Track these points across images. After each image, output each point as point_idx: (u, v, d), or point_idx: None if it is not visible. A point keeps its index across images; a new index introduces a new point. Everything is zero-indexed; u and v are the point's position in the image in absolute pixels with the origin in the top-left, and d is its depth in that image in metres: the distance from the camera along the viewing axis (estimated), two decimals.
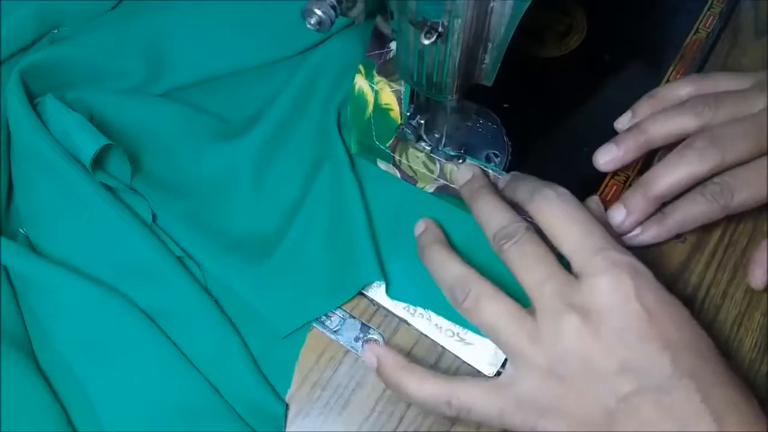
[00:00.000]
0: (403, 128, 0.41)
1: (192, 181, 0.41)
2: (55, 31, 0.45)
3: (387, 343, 0.37)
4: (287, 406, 0.35)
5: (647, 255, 0.39)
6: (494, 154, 0.42)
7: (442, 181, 0.41)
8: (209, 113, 0.44)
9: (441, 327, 0.37)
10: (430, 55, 0.32)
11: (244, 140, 0.41)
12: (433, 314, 0.37)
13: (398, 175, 0.42)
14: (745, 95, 0.38)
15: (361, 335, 0.37)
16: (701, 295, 0.38)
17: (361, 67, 0.42)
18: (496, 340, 0.32)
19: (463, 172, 0.39)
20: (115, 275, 0.37)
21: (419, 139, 0.41)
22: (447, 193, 0.40)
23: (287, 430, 0.35)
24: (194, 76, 0.45)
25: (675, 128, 0.38)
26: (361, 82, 0.42)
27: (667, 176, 0.36)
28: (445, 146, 0.41)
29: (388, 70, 0.42)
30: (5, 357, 0.35)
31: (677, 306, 0.31)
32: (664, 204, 0.37)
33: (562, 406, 0.30)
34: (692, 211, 0.36)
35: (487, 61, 0.33)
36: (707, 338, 0.30)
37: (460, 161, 0.41)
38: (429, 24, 0.30)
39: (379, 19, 0.40)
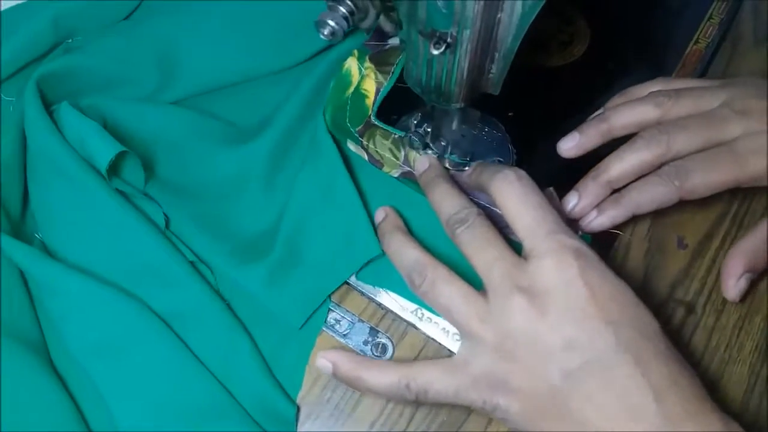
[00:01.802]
0: (410, 136, 0.42)
1: (204, 185, 0.42)
2: (70, 40, 0.46)
3: (395, 347, 0.38)
4: (298, 408, 0.36)
5: (651, 261, 0.40)
6: (499, 161, 0.42)
7: (406, 168, 0.42)
8: (220, 119, 0.45)
9: (448, 331, 0.38)
10: (438, 64, 0.33)
11: (255, 144, 0.42)
12: (440, 319, 0.38)
13: (365, 157, 0.43)
14: (706, 91, 0.39)
15: (370, 339, 0.38)
16: (703, 300, 0.39)
17: (355, 51, 0.44)
18: (451, 321, 0.34)
19: (421, 162, 0.41)
20: (129, 279, 0.37)
21: (426, 146, 0.42)
22: (410, 179, 0.42)
23: (298, 431, 0.35)
24: (205, 85, 0.46)
25: (635, 117, 0.39)
26: (351, 62, 0.44)
27: (616, 162, 0.38)
28: (451, 154, 0.42)
29: (379, 60, 0.43)
30: (21, 359, 0.35)
31: (621, 287, 0.32)
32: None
33: (512, 382, 0.31)
34: (647, 192, 0.37)
35: (493, 70, 0.34)
36: (651, 318, 0.31)
37: (466, 168, 0.42)
38: (438, 35, 0.31)
39: (382, 18, 0.41)
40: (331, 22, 0.30)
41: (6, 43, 0.44)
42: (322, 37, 0.31)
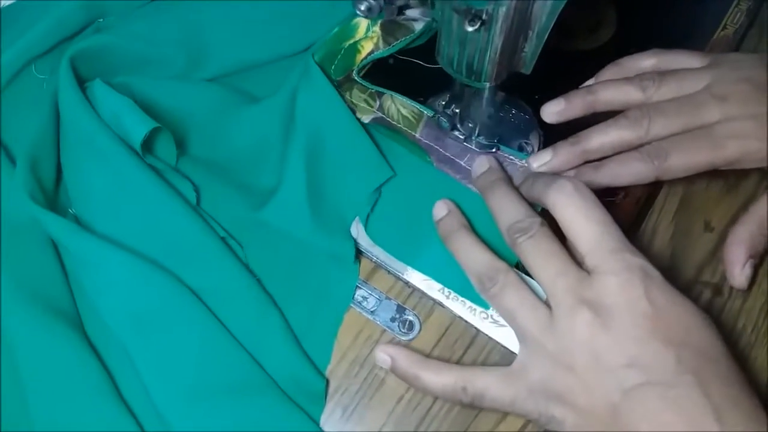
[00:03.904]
0: (438, 117, 0.42)
1: (231, 156, 0.43)
2: (100, 20, 0.46)
3: (422, 324, 0.38)
4: (328, 382, 0.36)
5: (677, 244, 0.40)
6: (526, 143, 0.43)
7: (379, 114, 0.43)
8: (243, 92, 0.45)
9: (475, 309, 0.38)
10: (472, 42, 0.33)
11: (269, 103, 0.43)
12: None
13: None
14: (690, 75, 0.40)
15: (397, 316, 0.38)
16: (729, 282, 0.39)
17: None
18: (514, 326, 0.34)
19: (480, 163, 0.41)
20: (161, 254, 0.38)
21: (454, 128, 0.42)
22: (382, 125, 0.43)
23: (327, 404, 0.36)
24: (232, 65, 0.46)
25: (620, 97, 0.40)
26: (362, 20, 0.44)
27: (598, 135, 0.39)
28: (479, 135, 0.42)
29: (388, 30, 0.45)
30: (56, 331, 0.36)
31: (687, 307, 0.32)
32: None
33: (570, 395, 0.31)
34: (626, 166, 0.38)
35: (527, 49, 0.34)
36: (715, 339, 0.31)
37: (494, 150, 0.42)
38: (473, 11, 0.31)
39: None
40: None
41: (38, 22, 0.44)
42: (358, 13, 0.31)
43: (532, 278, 0.35)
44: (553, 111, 0.41)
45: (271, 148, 0.42)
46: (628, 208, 0.41)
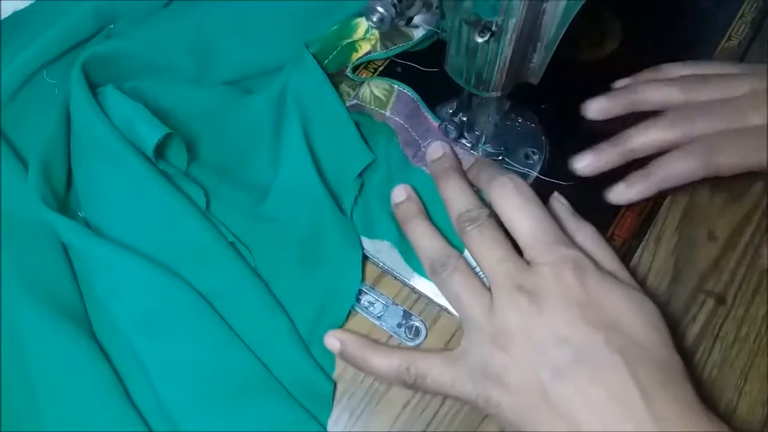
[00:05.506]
0: (446, 125, 0.42)
1: (235, 152, 0.44)
2: (111, 26, 0.47)
3: (429, 330, 0.39)
4: (335, 386, 0.37)
5: (681, 253, 0.41)
6: (532, 152, 0.43)
7: (354, 101, 0.44)
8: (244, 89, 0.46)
9: None
10: (481, 52, 0.34)
11: (263, 95, 0.44)
12: None
13: None
14: (731, 79, 0.41)
15: (404, 322, 0.39)
16: (733, 291, 0.40)
17: None
18: (459, 310, 0.36)
19: (434, 149, 0.42)
20: (171, 258, 0.38)
21: (461, 136, 0.43)
22: (355, 110, 0.44)
23: (334, 407, 0.36)
24: (242, 72, 0.47)
25: (662, 96, 0.41)
26: (363, 21, 0.46)
27: (639, 135, 0.40)
28: (485, 144, 0.42)
29: (387, 35, 0.46)
30: (66, 333, 0.36)
31: (621, 296, 0.33)
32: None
33: (505, 376, 0.32)
34: (675, 167, 0.39)
35: (535, 60, 0.35)
36: (649, 328, 0.33)
37: (499, 158, 0.42)
38: (483, 23, 0.32)
39: None
40: (381, 9, 0.31)
41: (50, 28, 0.45)
42: (370, 24, 0.31)
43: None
44: (595, 108, 0.42)
45: (267, 138, 0.43)
46: (632, 219, 0.41)
